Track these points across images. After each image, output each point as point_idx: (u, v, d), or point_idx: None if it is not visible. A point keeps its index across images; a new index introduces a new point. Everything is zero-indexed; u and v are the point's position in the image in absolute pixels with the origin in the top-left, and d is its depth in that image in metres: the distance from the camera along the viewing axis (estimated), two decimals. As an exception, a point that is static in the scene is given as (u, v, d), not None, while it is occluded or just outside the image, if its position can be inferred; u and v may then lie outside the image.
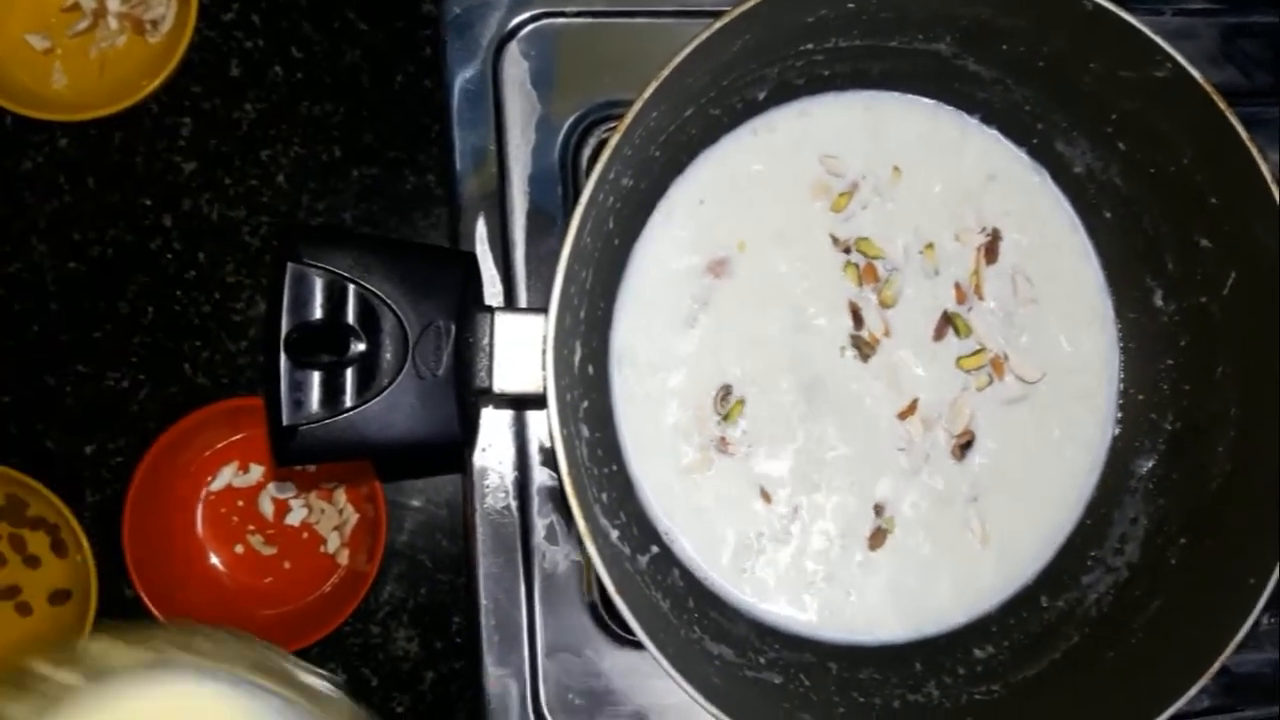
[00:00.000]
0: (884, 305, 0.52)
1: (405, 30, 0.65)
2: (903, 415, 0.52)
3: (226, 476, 0.64)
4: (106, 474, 0.63)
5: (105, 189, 0.64)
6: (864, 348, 0.52)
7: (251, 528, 0.64)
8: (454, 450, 0.48)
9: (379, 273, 0.41)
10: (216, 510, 0.64)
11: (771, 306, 0.52)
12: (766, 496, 0.51)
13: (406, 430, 0.41)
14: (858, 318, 0.52)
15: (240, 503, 0.64)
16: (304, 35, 0.65)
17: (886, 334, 0.52)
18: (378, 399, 0.41)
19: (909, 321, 0.53)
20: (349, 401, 0.41)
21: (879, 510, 0.52)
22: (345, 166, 0.65)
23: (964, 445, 0.52)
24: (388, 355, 0.41)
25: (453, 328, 0.42)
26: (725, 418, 0.51)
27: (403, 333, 0.41)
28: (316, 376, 0.41)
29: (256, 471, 0.64)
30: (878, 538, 0.51)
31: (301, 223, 0.64)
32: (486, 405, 0.55)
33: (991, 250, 0.53)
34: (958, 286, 0.53)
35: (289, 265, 0.40)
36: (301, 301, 0.40)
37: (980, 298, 0.53)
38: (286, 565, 0.64)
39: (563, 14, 0.56)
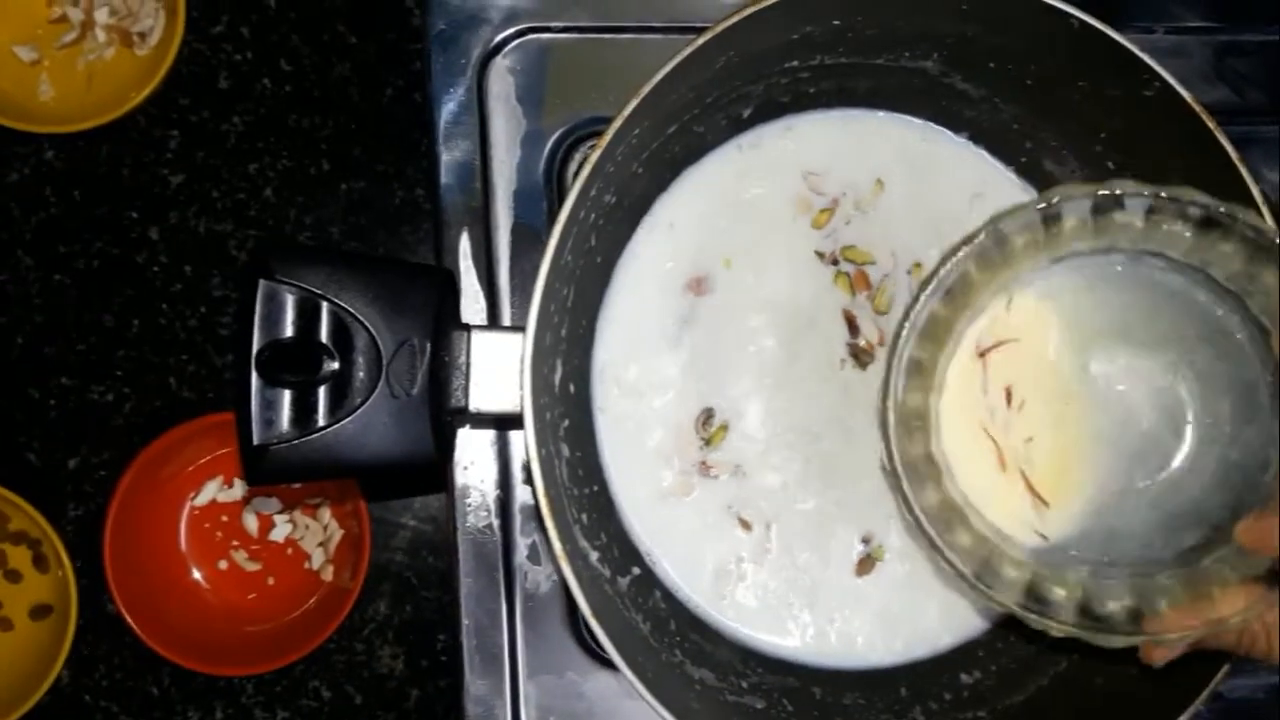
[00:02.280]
0: (878, 312, 0.52)
1: (395, 44, 0.65)
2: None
3: (210, 491, 0.63)
4: (89, 488, 0.63)
5: (92, 201, 0.64)
6: (861, 356, 0.51)
7: (235, 543, 0.63)
8: (429, 470, 0.48)
9: (352, 289, 0.40)
10: (200, 525, 0.63)
11: (759, 324, 0.52)
12: (747, 523, 0.51)
13: (380, 450, 0.41)
14: (853, 326, 0.52)
15: (224, 518, 0.63)
16: (293, 48, 0.65)
17: (882, 342, 0.52)
18: (350, 418, 0.40)
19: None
20: (321, 421, 0.40)
21: (867, 540, 0.51)
22: (333, 180, 0.65)
23: (952, 466, 0.52)
24: (361, 374, 0.41)
25: (428, 346, 0.41)
26: (708, 442, 0.51)
27: (376, 351, 0.41)
28: (288, 395, 0.40)
29: (241, 487, 0.64)
30: (865, 564, 0.51)
31: (273, 239, 0.63)
32: (463, 425, 0.54)
33: (980, 269, 0.52)
34: (946, 306, 0.52)
35: (260, 282, 0.40)
36: (273, 319, 0.40)
37: (968, 317, 0.53)
38: (270, 581, 0.63)
39: (549, 29, 0.56)
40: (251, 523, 0.63)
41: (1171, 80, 0.43)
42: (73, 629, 0.59)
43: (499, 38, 0.57)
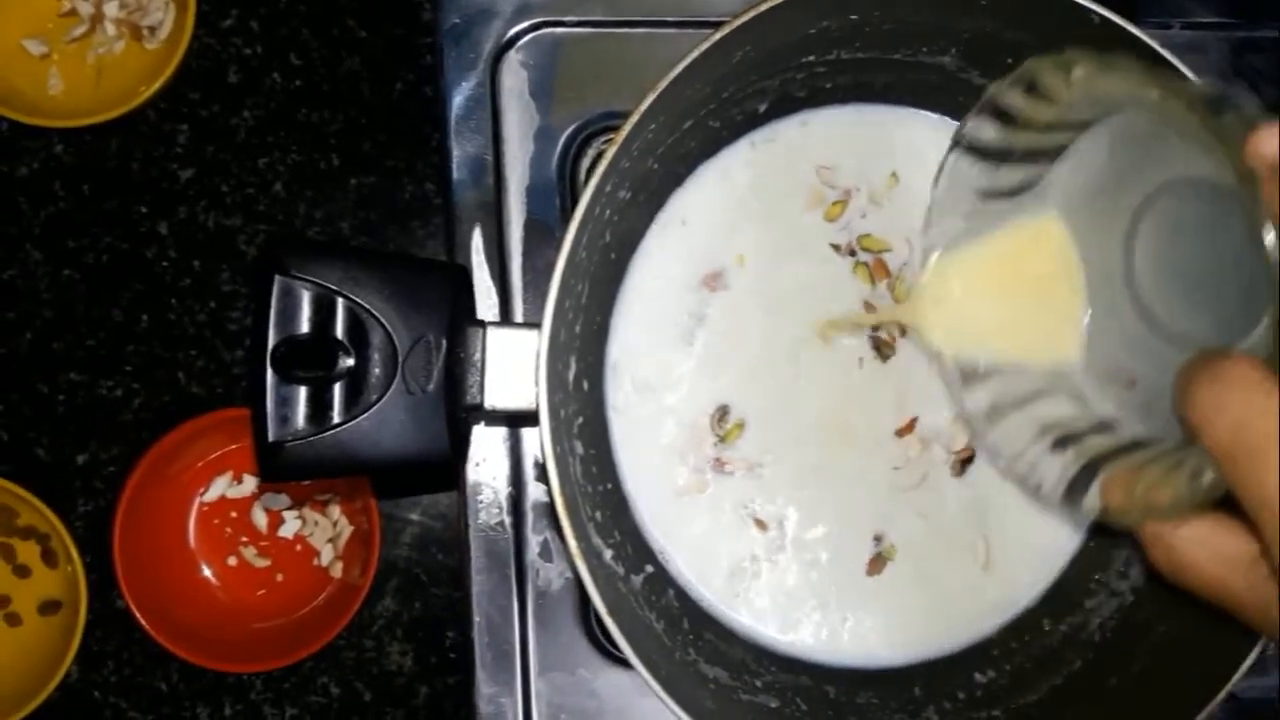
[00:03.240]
0: (899, 301, 0.51)
1: (405, 38, 0.65)
2: (901, 433, 0.51)
3: (220, 487, 0.63)
4: (98, 483, 0.62)
5: (101, 196, 0.64)
6: (883, 348, 0.51)
7: (244, 539, 0.63)
8: (444, 467, 0.47)
9: (368, 286, 0.40)
10: (209, 521, 0.63)
11: (775, 319, 0.51)
12: (761, 522, 0.50)
13: (395, 447, 0.41)
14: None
15: (233, 514, 0.63)
16: (303, 42, 0.65)
17: (904, 333, 0.51)
18: (366, 415, 0.40)
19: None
20: (337, 417, 0.40)
21: (879, 539, 0.51)
22: (343, 175, 0.64)
23: (964, 460, 0.51)
24: (376, 370, 0.41)
25: (443, 342, 0.41)
26: (723, 439, 0.51)
27: (392, 347, 0.41)
28: (303, 392, 0.40)
29: (250, 482, 0.63)
30: (876, 564, 0.51)
31: (288, 235, 0.63)
32: (478, 422, 0.54)
33: (994, 264, 0.52)
34: (960, 302, 0.52)
35: (276, 278, 0.39)
36: (288, 315, 0.40)
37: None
38: (279, 578, 0.63)
39: (562, 24, 0.56)
40: (261, 519, 0.63)
41: (1193, 77, 0.43)
42: (82, 625, 0.59)
43: (511, 32, 0.56)
